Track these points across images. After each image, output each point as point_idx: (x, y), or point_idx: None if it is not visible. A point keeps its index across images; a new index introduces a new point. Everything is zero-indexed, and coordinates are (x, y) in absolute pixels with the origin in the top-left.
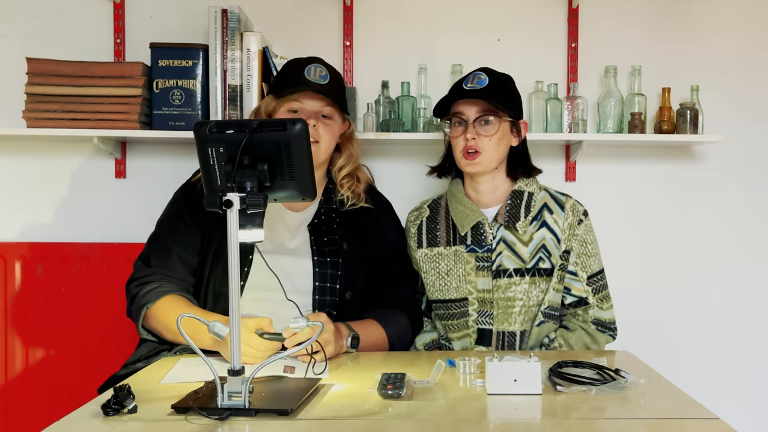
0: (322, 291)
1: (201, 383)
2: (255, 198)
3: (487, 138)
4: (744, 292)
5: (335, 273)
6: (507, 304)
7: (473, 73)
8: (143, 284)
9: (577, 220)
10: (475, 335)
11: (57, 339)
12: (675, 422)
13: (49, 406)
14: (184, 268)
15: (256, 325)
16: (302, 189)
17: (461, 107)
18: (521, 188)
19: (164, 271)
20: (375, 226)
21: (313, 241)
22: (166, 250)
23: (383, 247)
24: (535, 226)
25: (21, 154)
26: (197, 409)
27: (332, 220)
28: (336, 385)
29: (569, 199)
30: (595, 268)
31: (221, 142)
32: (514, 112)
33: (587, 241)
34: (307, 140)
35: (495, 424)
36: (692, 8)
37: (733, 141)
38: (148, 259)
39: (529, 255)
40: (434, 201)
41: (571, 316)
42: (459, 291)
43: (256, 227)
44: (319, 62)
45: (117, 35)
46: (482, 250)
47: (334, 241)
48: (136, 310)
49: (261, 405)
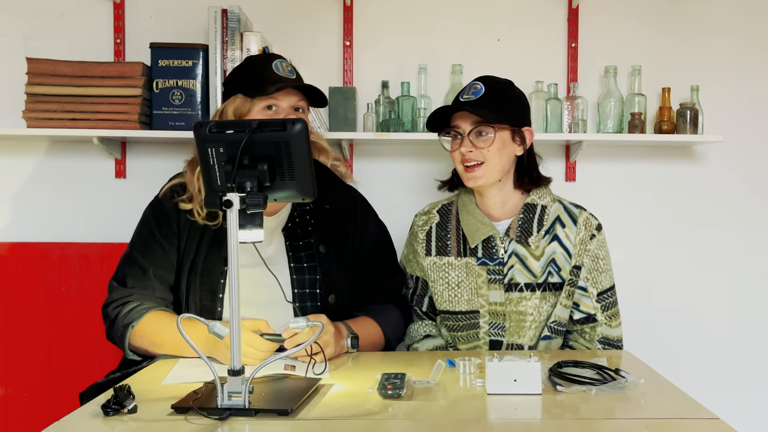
0: (302, 297)
1: (201, 384)
2: (255, 198)
3: (484, 149)
4: (744, 291)
5: (314, 278)
6: (519, 318)
7: (471, 83)
8: (122, 305)
9: (590, 235)
10: (487, 346)
11: (57, 339)
12: (675, 422)
13: (49, 406)
14: (162, 286)
15: (253, 326)
16: (302, 189)
17: (457, 120)
18: (534, 201)
19: (142, 291)
20: (352, 224)
21: (288, 246)
22: (141, 269)
23: (364, 245)
24: (546, 240)
25: (21, 154)
26: (197, 409)
27: (307, 222)
28: (336, 385)
29: (583, 212)
30: (606, 285)
31: (221, 143)
32: (511, 120)
33: (599, 256)
34: (306, 140)
35: (495, 424)
36: (692, 8)
37: (733, 141)
38: (124, 280)
39: (541, 270)
40: (444, 206)
41: (577, 334)
42: (470, 304)
43: (256, 227)
44: (281, 57)
45: (117, 35)
46: (494, 263)
47: (310, 245)
48: (119, 331)
49: (261, 405)
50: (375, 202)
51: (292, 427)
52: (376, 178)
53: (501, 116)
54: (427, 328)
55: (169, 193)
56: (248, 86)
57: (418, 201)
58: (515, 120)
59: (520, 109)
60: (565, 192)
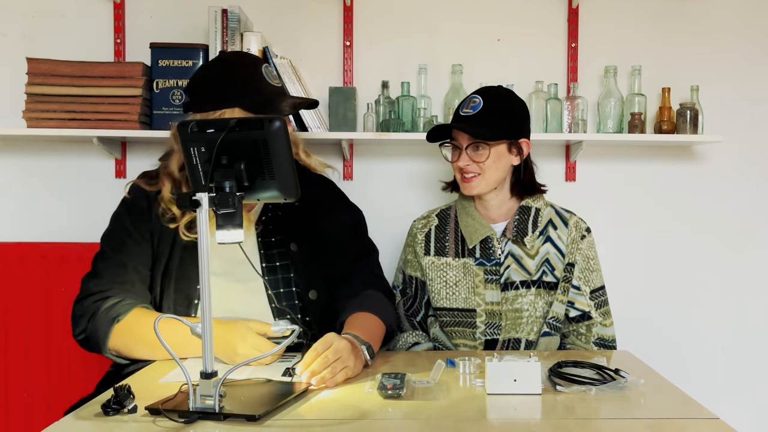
0: (277, 298)
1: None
2: (224, 198)
3: (481, 163)
4: (744, 291)
5: (288, 276)
6: (515, 315)
7: (470, 96)
8: (103, 300)
9: (580, 235)
10: (482, 346)
11: (57, 339)
12: (675, 422)
13: (49, 406)
14: (141, 283)
15: (259, 329)
16: (283, 188)
17: (455, 133)
18: (528, 204)
19: (122, 286)
20: (322, 211)
21: (260, 243)
22: (119, 264)
23: (338, 228)
24: (541, 240)
25: (21, 154)
26: (165, 411)
27: (278, 218)
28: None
29: (573, 216)
30: (597, 284)
31: (202, 142)
32: (508, 134)
33: (590, 256)
34: (285, 138)
35: (495, 424)
36: (692, 8)
37: (733, 141)
38: (101, 274)
39: (535, 268)
40: (442, 211)
41: (574, 336)
42: (467, 302)
43: (235, 227)
44: (266, 60)
45: (117, 35)
46: (491, 263)
47: (281, 243)
48: (103, 325)
49: (233, 409)
50: (375, 202)
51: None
52: (376, 178)
53: (496, 132)
54: (416, 338)
55: (141, 190)
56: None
57: (417, 201)
58: (512, 133)
59: (517, 121)
60: (565, 192)
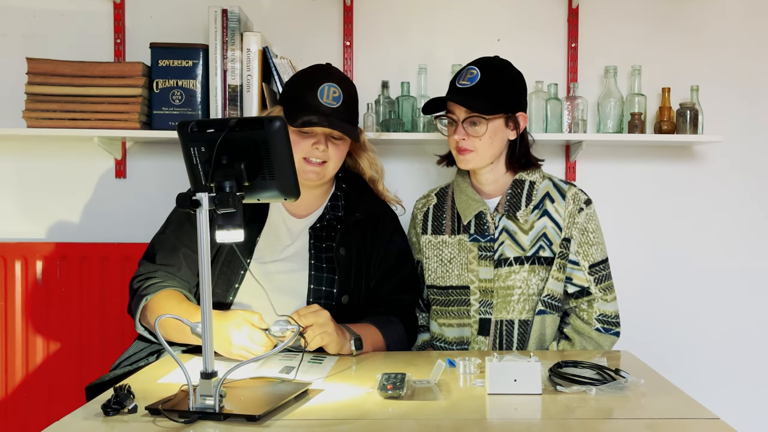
0: (317, 294)
1: None
2: (224, 198)
3: (477, 138)
4: (745, 291)
5: (331, 277)
6: (506, 293)
7: (467, 67)
8: (146, 279)
9: (578, 208)
10: (477, 325)
11: (57, 339)
12: (675, 422)
13: (49, 406)
14: (188, 268)
15: (248, 319)
16: (283, 188)
17: (452, 106)
18: (522, 177)
19: (168, 269)
20: (380, 234)
21: (312, 244)
22: (171, 248)
23: (389, 254)
24: (536, 214)
25: (21, 154)
26: (164, 411)
27: (333, 227)
28: (336, 385)
29: (572, 187)
30: (597, 257)
31: (202, 142)
32: (505, 108)
33: (588, 229)
34: (286, 138)
35: (495, 424)
36: (692, 8)
37: (733, 141)
38: (153, 257)
39: (529, 243)
40: (442, 189)
41: (575, 315)
42: (461, 279)
43: (236, 227)
44: (332, 79)
45: (117, 35)
46: (485, 239)
47: (331, 248)
48: (135, 303)
49: (233, 409)
50: None
51: (293, 427)
52: None
53: (494, 106)
54: (421, 320)
55: None
56: (288, 108)
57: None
58: (509, 107)
59: (515, 94)
60: None
